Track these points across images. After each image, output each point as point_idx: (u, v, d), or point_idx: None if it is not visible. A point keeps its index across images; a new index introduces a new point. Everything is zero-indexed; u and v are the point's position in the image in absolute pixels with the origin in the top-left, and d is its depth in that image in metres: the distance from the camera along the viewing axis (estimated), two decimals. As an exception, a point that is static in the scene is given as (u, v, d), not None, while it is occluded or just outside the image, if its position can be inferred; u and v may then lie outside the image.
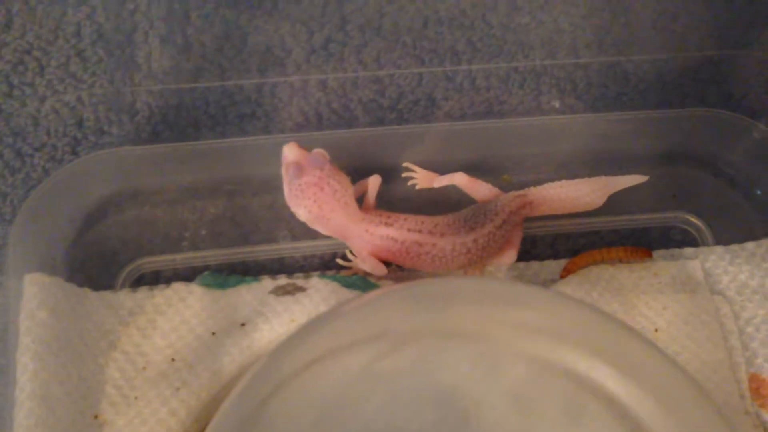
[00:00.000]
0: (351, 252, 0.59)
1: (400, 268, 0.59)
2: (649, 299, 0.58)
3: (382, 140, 0.63)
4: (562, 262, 0.61)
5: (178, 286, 0.56)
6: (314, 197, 0.54)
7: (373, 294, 0.51)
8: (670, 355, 0.46)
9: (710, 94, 0.66)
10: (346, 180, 0.56)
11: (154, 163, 0.61)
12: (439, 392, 0.44)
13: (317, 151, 0.55)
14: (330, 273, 0.59)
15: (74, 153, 0.61)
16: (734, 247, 0.61)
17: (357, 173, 0.58)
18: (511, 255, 0.59)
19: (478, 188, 0.60)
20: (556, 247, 0.63)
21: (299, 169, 0.54)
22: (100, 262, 0.59)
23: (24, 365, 0.49)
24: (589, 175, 0.61)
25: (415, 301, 0.48)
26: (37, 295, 0.51)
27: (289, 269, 0.60)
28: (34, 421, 0.47)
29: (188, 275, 0.58)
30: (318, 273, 0.59)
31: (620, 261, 0.60)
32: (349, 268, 0.59)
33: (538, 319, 0.46)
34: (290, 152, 0.55)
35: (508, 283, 0.56)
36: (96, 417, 0.50)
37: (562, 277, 0.60)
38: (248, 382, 0.46)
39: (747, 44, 0.66)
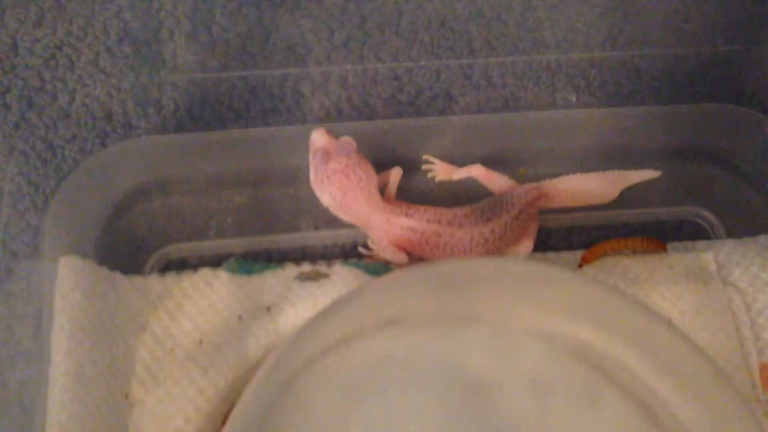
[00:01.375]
0: (371, 242, 0.60)
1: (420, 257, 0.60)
2: (664, 290, 0.59)
3: (403, 133, 0.64)
4: (578, 253, 0.61)
5: (205, 272, 0.57)
6: (339, 184, 0.55)
7: (392, 275, 0.52)
8: (687, 335, 0.46)
9: (722, 90, 0.67)
10: (371, 170, 0.57)
11: (181, 153, 0.62)
12: (458, 375, 0.45)
13: (345, 138, 0.56)
14: (352, 261, 0.60)
15: (103, 145, 0.62)
16: (746, 240, 0.61)
17: (378, 165, 0.59)
18: (527, 245, 0.60)
19: (495, 180, 0.61)
20: (571, 239, 0.64)
21: (327, 155, 0.55)
22: (130, 248, 0.60)
23: (58, 344, 0.50)
24: (603, 170, 0.62)
25: (433, 281, 0.48)
26: (70, 277, 0.52)
27: (310, 257, 0.61)
28: (68, 397, 0.48)
29: (214, 262, 0.59)
30: (341, 260, 0.60)
31: (636, 251, 0.61)
32: (371, 256, 0.60)
33: (556, 297, 0.47)
34: (319, 138, 0.56)
35: (525, 262, 0.56)
36: (126, 396, 0.52)
37: (580, 266, 0.60)
38: (273, 363, 0.47)
39: (758, 41, 0.67)
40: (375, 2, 0.67)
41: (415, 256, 0.59)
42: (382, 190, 0.59)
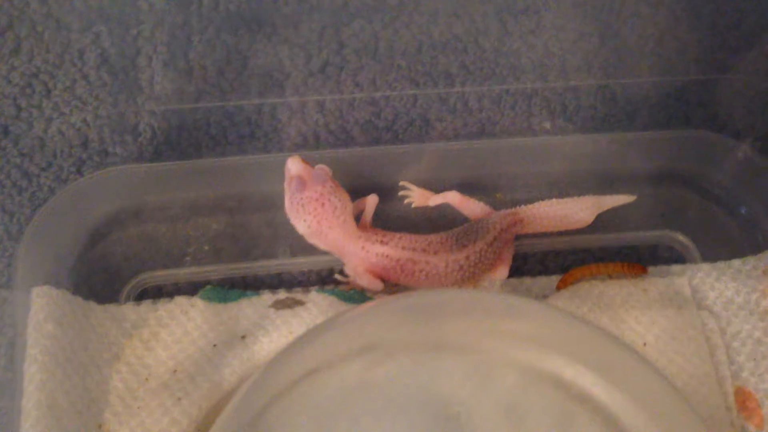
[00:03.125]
0: (348, 268, 0.60)
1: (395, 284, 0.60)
2: (638, 314, 0.59)
3: (380, 159, 0.65)
4: (554, 278, 0.62)
5: (181, 300, 0.57)
6: (314, 212, 0.56)
7: (367, 305, 0.52)
8: (654, 365, 0.47)
9: (696, 116, 0.68)
10: (346, 198, 0.57)
11: (157, 181, 0.63)
12: (433, 402, 0.45)
13: (320, 167, 0.57)
14: (328, 288, 0.60)
15: (79, 173, 0.62)
16: (720, 264, 0.62)
17: (355, 191, 0.59)
18: (502, 271, 0.61)
19: (471, 206, 0.62)
20: (547, 263, 0.64)
21: (302, 183, 0.56)
22: (105, 276, 0.60)
23: (31, 375, 0.50)
24: (579, 194, 0.63)
25: (409, 312, 0.49)
26: (44, 308, 0.52)
27: (287, 284, 0.61)
28: (40, 429, 0.48)
29: (190, 290, 0.60)
30: (316, 287, 0.60)
31: (615, 275, 0.62)
32: (347, 283, 0.60)
33: (528, 329, 0.47)
34: (294, 166, 0.56)
35: (498, 295, 0.57)
36: (100, 426, 0.51)
37: (558, 288, 0.61)
38: (246, 392, 0.47)
39: (731, 68, 0.68)
40: (352, 28, 0.67)
41: (390, 283, 0.59)
42: (358, 217, 0.60)
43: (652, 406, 0.45)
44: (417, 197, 0.63)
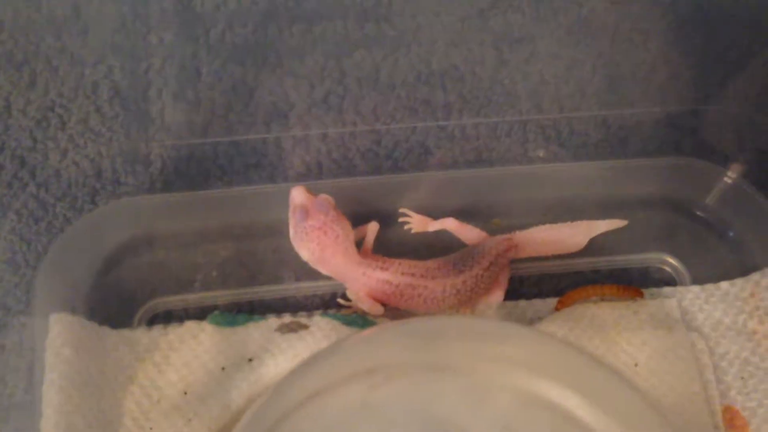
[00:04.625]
0: (350, 293, 0.62)
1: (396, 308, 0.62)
2: (630, 335, 0.61)
3: (380, 188, 0.67)
4: (548, 301, 0.64)
5: (191, 325, 0.59)
6: (317, 240, 0.58)
7: (368, 331, 0.54)
8: (638, 388, 0.49)
9: (685, 143, 0.70)
10: (347, 226, 0.59)
11: (168, 211, 0.65)
12: (432, 422, 0.46)
13: (323, 196, 0.59)
14: (331, 311, 0.62)
15: (93, 202, 0.64)
16: (709, 286, 0.64)
17: (356, 218, 0.61)
18: (498, 295, 0.63)
19: (467, 232, 0.64)
20: (542, 286, 0.66)
21: (305, 212, 0.58)
22: (119, 302, 0.62)
23: (49, 398, 0.52)
24: (572, 219, 0.65)
25: (408, 337, 0.50)
26: (61, 334, 0.54)
27: (292, 308, 0.63)
28: (59, 450, 0.51)
29: (200, 314, 0.62)
30: (320, 312, 0.62)
31: (609, 298, 0.64)
32: (349, 307, 0.62)
33: (520, 353, 0.49)
34: (298, 195, 0.58)
35: (492, 322, 0.59)
36: (114, 447, 0.54)
37: (557, 309, 0.63)
38: (253, 414, 0.49)
39: (719, 97, 0.70)
40: (354, 58, 0.69)
41: (391, 307, 0.61)
42: (360, 243, 0.62)
43: (635, 428, 0.47)
44: (416, 223, 0.65)
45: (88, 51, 0.66)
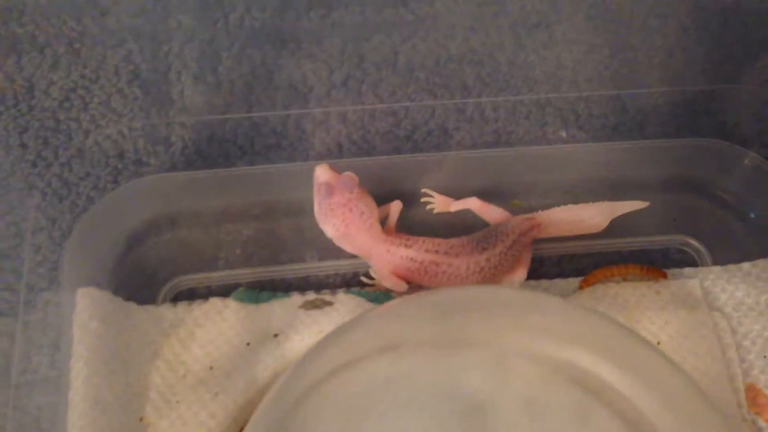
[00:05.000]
0: (373, 271, 0.62)
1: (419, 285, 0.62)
2: (652, 314, 0.61)
3: (402, 168, 0.67)
4: (570, 280, 0.64)
5: (215, 301, 0.60)
6: (342, 217, 0.58)
7: (392, 303, 0.54)
8: (674, 360, 0.48)
9: (704, 125, 0.70)
10: (372, 203, 0.59)
11: (190, 189, 0.65)
12: (456, 396, 0.46)
13: (347, 174, 0.59)
14: (354, 289, 0.62)
15: (115, 182, 0.64)
16: (731, 267, 0.64)
17: (379, 198, 0.61)
18: (521, 273, 0.63)
19: (490, 212, 0.64)
20: (563, 266, 0.66)
21: (330, 189, 0.58)
22: (143, 279, 0.62)
23: (78, 370, 0.52)
24: (593, 201, 0.64)
25: (431, 309, 0.50)
26: (88, 307, 0.55)
27: (314, 286, 0.63)
28: (87, 421, 0.50)
29: (222, 292, 0.62)
30: (344, 289, 0.62)
31: (631, 278, 0.64)
32: (372, 285, 0.63)
33: (548, 323, 0.49)
34: (323, 173, 0.59)
35: (518, 291, 0.59)
36: (141, 419, 0.54)
37: (581, 287, 0.63)
38: (280, 387, 0.48)
39: (737, 78, 0.70)
40: (372, 43, 0.70)
41: (414, 284, 0.61)
42: (383, 222, 0.62)
43: (671, 399, 0.46)
44: (438, 203, 0.65)
45: (108, 34, 0.67)
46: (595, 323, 0.49)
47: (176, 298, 0.63)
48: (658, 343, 0.60)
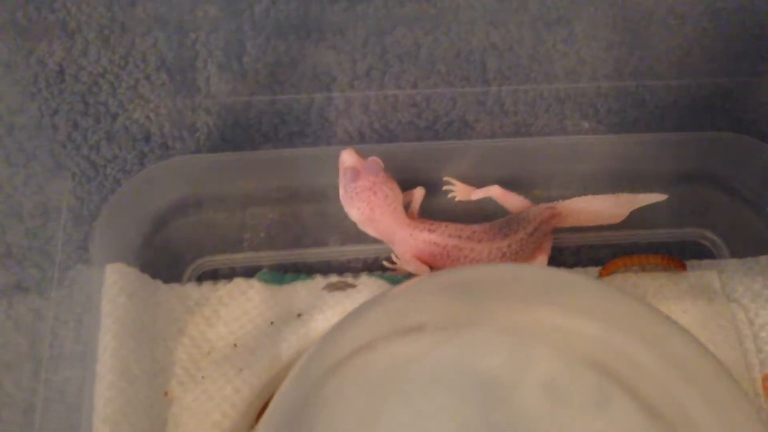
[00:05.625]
0: (395, 256, 0.63)
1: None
2: (670, 304, 0.61)
3: (425, 155, 0.67)
4: (588, 269, 0.65)
5: (240, 281, 0.61)
6: (367, 200, 0.59)
7: (413, 282, 0.54)
8: (702, 343, 0.48)
9: (722, 119, 0.70)
10: (397, 188, 0.60)
11: (216, 172, 0.66)
12: (476, 377, 0.46)
13: (373, 159, 0.60)
14: (376, 273, 0.63)
15: (142, 165, 0.66)
16: (749, 260, 0.64)
17: (402, 184, 0.62)
18: (542, 260, 0.63)
19: (512, 200, 0.64)
20: (581, 256, 0.67)
21: (356, 173, 0.59)
22: (169, 259, 0.63)
23: (106, 343, 0.53)
24: (612, 192, 0.65)
25: (454, 288, 0.50)
26: (117, 282, 0.56)
27: (336, 270, 0.64)
28: (115, 392, 0.51)
29: (246, 273, 0.62)
30: (366, 272, 0.63)
31: (649, 268, 0.64)
32: (395, 269, 0.63)
33: (574, 300, 0.49)
34: (348, 157, 0.60)
35: (543, 269, 0.59)
36: (166, 394, 0.55)
37: (600, 275, 0.64)
38: (303, 365, 0.49)
39: (755, 73, 0.70)
40: (394, 35, 0.70)
41: (436, 269, 0.62)
42: (406, 207, 0.63)
43: (699, 381, 0.46)
44: (460, 191, 0.66)
45: (137, 22, 0.68)
46: (623, 302, 0.49)
47: (201, 278, 0.63)
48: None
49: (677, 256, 0.66)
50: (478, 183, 0.66)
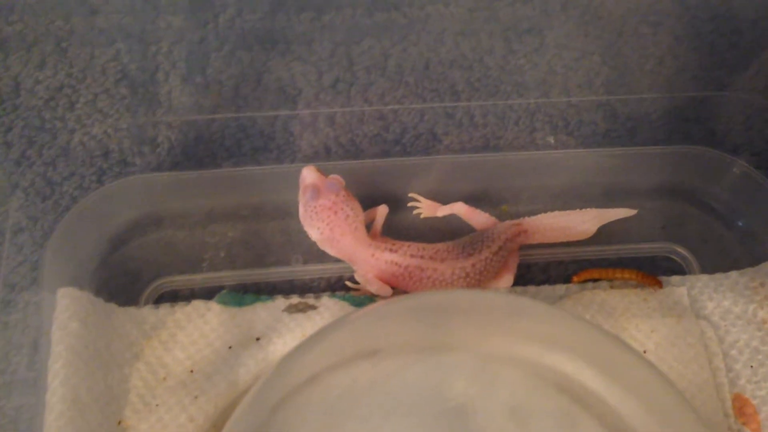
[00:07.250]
0: (358, 275, 0.62)
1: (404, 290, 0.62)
2: (639, 322, 0.61)
3: (390, 171, 0.67)
4: (557, 287, 0.64)
5: (198, 304, 0.59)
6: (327, 220, 0.58)
7: (375, 306, 0.53)
8: (655, 366, 0.48)
9: (694, 132, 0.70)
10: (358, 207, 0.59)
11: (176, 190, 0.65)
12: (440, 402, 0.46)
13: (334, 177, 0.59)
14: (339, 293, 0.62)
15: (100, 182, 0.64)
16: (719, 275, 0.64)
17: (365, 202, 0.61)
18: (507, 279, 0.62)
19: (477, 217, 0.63)
20: (549, 272, 0.66)
21: (316, 191, 0.58)
22: (125, 281, 0.62)
23: (56, 371, 0.52)
24: (581, 207, 0.64)
25: (415, 313, 0.50)
26: (69, 308, 0.54)
27: (299, 290, 0.63)
28: (64, 422, 0.50)
29: (206, 294, 0.61)
30: (328, 293, 0.62)
31: (617, 285, 0.63)
32: (357, 290, 0.62)
33: (533, 328, 0.49)
34: (309, 175, 0.58)
35: (503, 295, 0.58)
36: (119, 423, 0.53)
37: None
38: (259, 389, 0.48)
39: (728, 86, 0.70)
40: (362, 46, 0.70)
41: (399, 289, 0.61)
42: (369, 226, 0.62)
43: (654, 405, 0.46)
44: (425, 208, 0.65)
45: (96, 34, 0.67)
46: (580, 329, 0.49)
47: (159, 300, 0.62)
48: (645, 352, 0.59)
49: (647, 271, 0.65)
50: (446, 199, 0.65)
